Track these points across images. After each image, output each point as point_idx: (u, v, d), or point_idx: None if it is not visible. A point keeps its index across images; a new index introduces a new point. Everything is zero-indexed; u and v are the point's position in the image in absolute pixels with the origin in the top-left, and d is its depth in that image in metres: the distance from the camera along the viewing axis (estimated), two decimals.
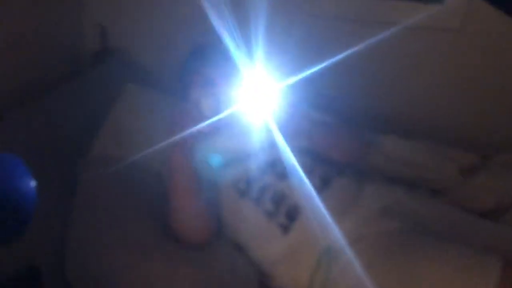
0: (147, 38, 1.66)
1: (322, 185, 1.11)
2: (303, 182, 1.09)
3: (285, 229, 1.08)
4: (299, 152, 1.13)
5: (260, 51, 1.07)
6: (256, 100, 1.07)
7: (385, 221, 1.07)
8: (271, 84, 1.06)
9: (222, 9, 1.11)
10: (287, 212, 1.09)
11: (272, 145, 1.17)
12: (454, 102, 1.55)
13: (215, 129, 1.11)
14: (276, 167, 1.16)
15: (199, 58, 1.24)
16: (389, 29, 1.28)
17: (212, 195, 1.15)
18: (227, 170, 1.18)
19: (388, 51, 1.46)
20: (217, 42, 1.08)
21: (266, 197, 1.12)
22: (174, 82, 1.31)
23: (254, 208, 1.12)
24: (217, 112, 1.09)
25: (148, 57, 1.68)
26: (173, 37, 1.60)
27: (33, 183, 0.69)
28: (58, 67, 1.51)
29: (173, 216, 1.08)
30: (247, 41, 1.07)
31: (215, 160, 1.18)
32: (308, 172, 1.11)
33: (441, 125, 1.57)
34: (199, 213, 1.09)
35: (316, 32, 1.50)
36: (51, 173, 1.13)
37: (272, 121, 1.08)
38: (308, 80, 1.08)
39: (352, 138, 1.25)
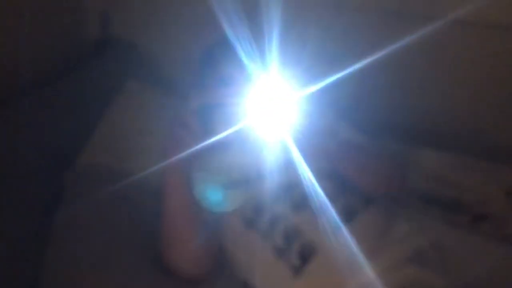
0: (154, 28, 1.48)
1: (344, 220, 0.93)
2: (323, 215, 0.91)
3: (297, 271, 0.91)
4: (318, 176, 0.95)
5: (275, 52, 0.89)
6: (271, 112, 0.88)
7: (416, 269, 0.90)
8: (289, 93, 0.88)
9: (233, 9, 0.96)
10: (300, 251, 0.92)
11: (288, 167, 0.99)
12: (503, 111, 1.35)
13: (221, 145, 0.92)
14: (291, 193, 0.98)
15: (209, 61, 1.07)
16: (429, 25, 1.08)
17: (213, 222, 0.99)
18: (233, 194, 1.01)
19: (425, 51, 1.26)
20: (228, 42, 0.93)
21: (277, 230, 0.95)
22: (183, 79, 1.17)
23: (261, 242, 0.95)
24: (226, 125, 0.90)
25: (155, 49, 1.50)
26: (184, 28, 1.42)
27: None
28: (50, 58, 1.34)
29: (165, 245, 0.94)
30: (260, 42, 0.91)
31: (215, 195, 1.00)
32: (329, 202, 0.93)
33: (487, 138, 1.37)
34: (195, 245, 0.94)
35: (339, 28, 1.30)
36: (30, 184, 0.99)
37: (289, 138, 0.89)
38: (328, 88, 0.90)
39: (386, 163, 1.05)
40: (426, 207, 1.14)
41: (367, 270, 0.86)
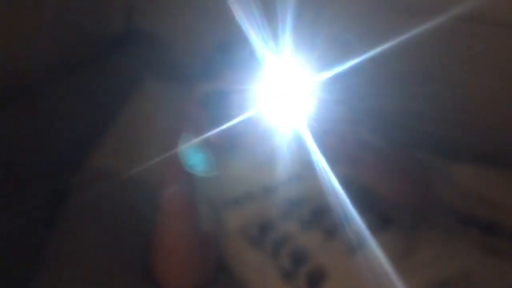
0: (178, 22, 1.40)
1: (359, 241, 0.84)
2: (336, 236, 0.83)
3: None
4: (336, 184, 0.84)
5: (288, 37, 0.80)
6: (284, 100, 0.78)
7: None
8: (303, 80, 0.78)
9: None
10: (309, 276, 0.83)
11: (304, 175, 0.91)
12: None
13: (227, 143, 0.84)
14: (301, 208, 0.89)
15: (220, 48, 1.00)
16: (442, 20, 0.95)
17: (213, 240, 0.92)
18: (235, 209, 0.93)
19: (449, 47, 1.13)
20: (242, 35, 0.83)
21: (283, 251, 0.86)
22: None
23: (266, 264, 0.87)
24: (234, 114, 0.81)
25: (178, 45, 1.42)
26: (208, 22, 1.34)
27: None
28: (67, 52, 1.26)
29: (155, 260, 0.87)
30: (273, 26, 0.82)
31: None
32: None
33: None
34: (189, 264, 0.87)
35: (354, 12, 1.18)
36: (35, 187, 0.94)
37: (304, 128, 0.78)
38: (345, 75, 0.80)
39: (412, 169, 0.95)
40: (459, 229, 1.01)
41: None
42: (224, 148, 0.85)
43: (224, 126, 0.79)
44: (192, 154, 0.82)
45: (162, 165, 0.84)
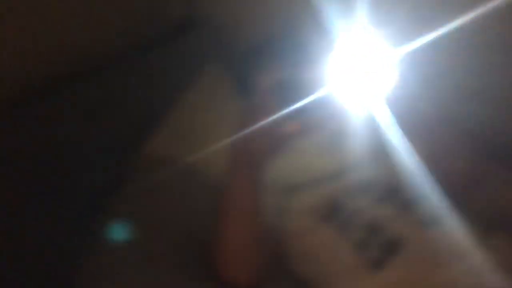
0: (242, 7, 1.35)
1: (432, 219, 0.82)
2: (411, 211, 0.81)
3: (378, 264, 0.80)
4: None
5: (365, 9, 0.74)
6: (361, 88, 0.73)
7: None
8: (385, 64, 0.71)
9: None
10: (383, 245, 0.81)
11: (379, 156, 0.87)
12: None
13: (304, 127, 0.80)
14: (376, 187, 0.88)
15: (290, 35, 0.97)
16: None
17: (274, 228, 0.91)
18: (303, 195, 0.91)
19: None
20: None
21: (357, 223, 0.85)
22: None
23: (337, 236, 0.85)
24: (307, 99, 0.77)
25: (243, 32, 1.36)
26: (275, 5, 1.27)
27: None
28: (129, 38, 1.23)
29: (218, 249, 0.85)
30: None
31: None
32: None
33: None
34: (254, 252, 0.85)
35: None
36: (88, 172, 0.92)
37: (384, 119, 0.74)
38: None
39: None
40: None
41: (456, 267, 0.76)
42: (298, 134, 0.82)
43: (296, 108, 0.76)
44: None
45: (232, 150, 0.83)
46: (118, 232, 0.86)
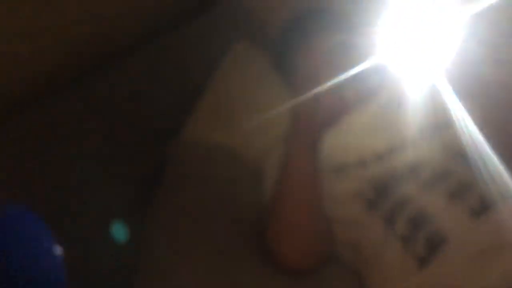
0: None
1: (482, 207, 0.75)
2: (459, 199, 0.76)
3: (422, 262, 0.76)
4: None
5: None
6: (420, 55, 0.69)
7: None
8: (446, 29, 0.67)
9: None
10: (428, 239, 0.76)
11: (434, 133, 0.83)
12: None
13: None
14: (425, 172, 0.82)
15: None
16: None
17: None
18: (349, 177, 0.87)
19: None
20: None
21: (402, 215, 0.80)
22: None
23: (383, 229, 0.81)
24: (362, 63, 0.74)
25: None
26: None
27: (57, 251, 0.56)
28: (155, 15, 1.19)
29: (273, 233, 0.83)
30: None
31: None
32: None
33: None
34: (312, 235, 0.83)
35: None
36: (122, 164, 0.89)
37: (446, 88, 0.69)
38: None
39: None
40: None
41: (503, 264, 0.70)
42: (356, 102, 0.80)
43: (352, 75, 0.73)
44: None
45: (293, 118, 0.82)
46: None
